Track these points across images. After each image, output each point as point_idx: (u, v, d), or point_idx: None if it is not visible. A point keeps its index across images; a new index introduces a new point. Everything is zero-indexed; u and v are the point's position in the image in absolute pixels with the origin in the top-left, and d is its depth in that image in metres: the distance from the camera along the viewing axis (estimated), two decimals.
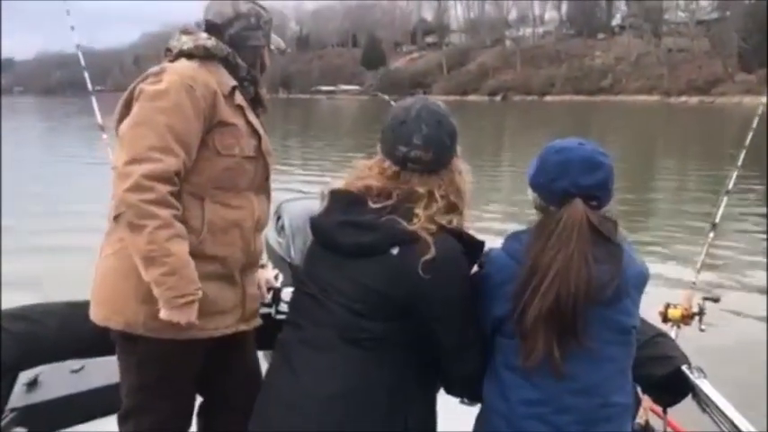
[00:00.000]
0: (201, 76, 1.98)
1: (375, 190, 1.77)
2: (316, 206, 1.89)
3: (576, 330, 1.64)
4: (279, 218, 2.69)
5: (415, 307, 1.69)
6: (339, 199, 1.81)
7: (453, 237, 1.72)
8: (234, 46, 2.09)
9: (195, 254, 1.92)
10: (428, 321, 1.71)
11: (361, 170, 1.83)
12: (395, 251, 1.68)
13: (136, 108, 1.93)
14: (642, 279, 1.78)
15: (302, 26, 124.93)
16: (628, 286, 1.71)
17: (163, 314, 1.87)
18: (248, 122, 2.07)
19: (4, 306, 2.29)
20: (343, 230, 1.75)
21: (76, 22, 3.70)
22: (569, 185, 1.70)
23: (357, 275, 1.71)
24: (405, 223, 1.69)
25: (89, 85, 3.65)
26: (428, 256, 1.66)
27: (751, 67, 63.88)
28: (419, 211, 1.72)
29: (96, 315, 2.01)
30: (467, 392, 1.89)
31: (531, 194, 1.81)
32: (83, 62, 3.71)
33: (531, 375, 1.68)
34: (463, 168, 1.83)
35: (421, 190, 1.74)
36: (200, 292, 1.90)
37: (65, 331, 2.25)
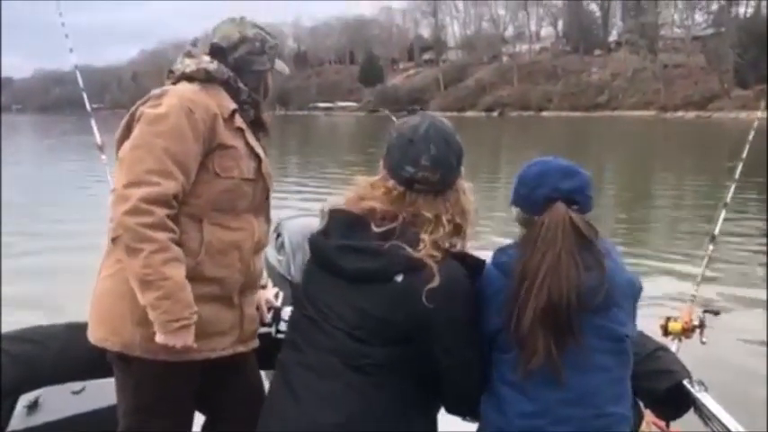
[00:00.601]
0: (202, 99, 1.99)
1: (379, 212, 1.72)
2: (316, 223, 1.86)
3: (572, 329, 1.65)
4: (278, 235, 2.69)
5: (419, 333, 1.66)
6: (340, 220, 1.76)
7: (457, 260, 1.71)
8: (238, 69, 2.10)
9: (193, 275, 1.93)
10: (431, 346, 1.69)
11: (364, 188, 1.78)
12: (399, 278, 1.65)
13: (136, 131, 1.95)
14: (633, 288, 1.79)
15: (300, 43, 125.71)
16: (616, 294, 1.72)
17: (158, 338, 1.87)
18: (248, 145, 2.08)
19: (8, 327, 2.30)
20: (344, 255, 1.70)
21: (75, 40, 3.72)
22: (550, 191, 1.74)
23: (359, 301, 1.68)
24: (409, 249, 1.65)
25: (88, 107, 3.66)
26: (432, 285, 1.63)
27: (747, 82, 64.27)
28: (425, 236, 1.68)
29: (93, 336, 2.02)
30: (467, 410, 1.86)
31: (513, 210, 1.84)
32: (81, 83, 3.73)
33: (526, 388, 1.68)
34: (467, 188, 1.80)
35: (427, 214, 1.71)
36: (196, 316, 1.90)
37: (65, 353, 2.25)
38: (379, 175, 1.79)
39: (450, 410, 1.88)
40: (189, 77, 2.05)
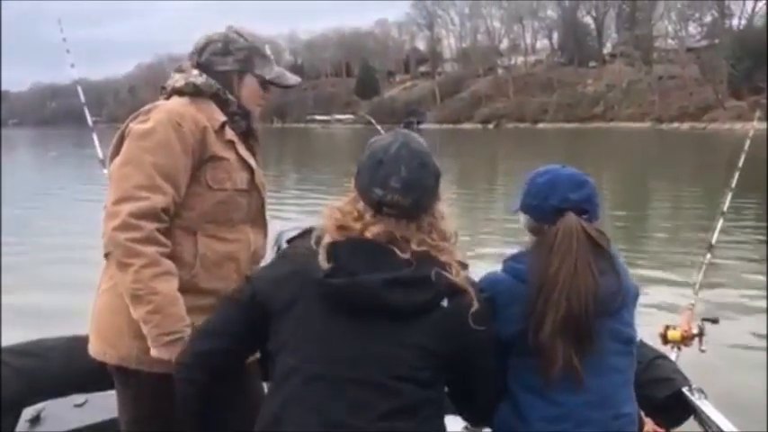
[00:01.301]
0: (190, 112, 2.01)
1: (384, 236, 1.58)
2: None
3: (591, 338, 1.68)
4: (279, 248, 2.71)
5: (464, 357, 1.61)
6: (355, 251, 1.57)
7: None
8: (206, 72, 2.10)
9: (189, 288, 1.95)
10: (471, 368, 1.65)
11: (335, 216, 1.62)
12: (445, 303, 1.56)
13: (124, 147, 1.98)
14: (636, 293, 1.84)
15: (296, 56, 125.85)
16: (626, 297, 1.78)
17: (152, 351, 1.90)
18: (239, 156, 2.09)
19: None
20: (392, 290, 1.51)
21: (73, 54, 3.74)
22: (560, 201, 1.77)
23: (412, 337, 1.53)
24: (449, 275, 1.57)
25: (89, 121, 3.69)
26: (475, 308, 1.58)
27: (741, 93, 64.52)
28: (447, 258, 1.60)
29: (93, 349, 2.05)
30: (487, 420, 1.82)
31: (522, 218, 1.86)
32: (83, 98, 3.74)
33: (548, 392, 1.69)
34: (446, 212, 1.68)
35: (420, 248, 1.59)
36: (189, 329, 1.91)
37: (68, 366, 2.27)
38: (349, 196, 1.67)
39: (468, 420, 1.87)
40: (179, 92, 2.08)
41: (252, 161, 2.13)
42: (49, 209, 15.48)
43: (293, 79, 2.24)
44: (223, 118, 2.07)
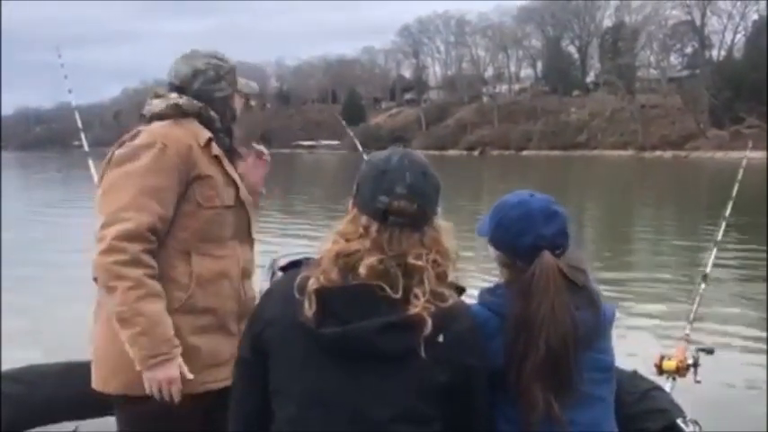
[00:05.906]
0: (174, 132, 2.04)
1: (374, 273, 1.49)
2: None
3: (571, 380, 1.65)
4: (273, 273, 2.71)
5: (463, 388, 1.57)
6: (347, 295, 1.50)
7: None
8: (202, 101, 2.15)
9: (186, 309, 1.97)
10: (470, 397, 1.61)
11: (334, 241, 1.55)
12: (440, 339, 1.51)
13: (109, 174, 2.02)
14: (612, 317, 1.82)
15: (283, 83, 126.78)
16: (604, 325, 1.76)
17: (143, 374, 1.90)
18: (225, 172, 2.12)
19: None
20: (386, 336, 1.47)
21: (56, 79, 3.81)
22: (535, 239, 1.71)
23: (412, 378, 1.50)
24: (441, 304, 1.51)
25: (86, 146, 3.81)
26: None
27: (722, 122, 65.62)
28: (439, 288, 1.53)
29: (95, 379, 2.06)
30: None
31: (492, 252, 1.80)
32: (80, 124, 3.85)
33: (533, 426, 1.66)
34: (446, 227, 1.63)
35: (417, 262, 1.52)
36: (178, 350, 1.91)
37: (58, 393, 2.29)
38: (347, 216, 1.60)
39: None
40: (159, 116, 2.11)
41: (236, 177, 2.15)
42: None
43: (253, 84, 2.37)
44: (208, 134, 2.10)
